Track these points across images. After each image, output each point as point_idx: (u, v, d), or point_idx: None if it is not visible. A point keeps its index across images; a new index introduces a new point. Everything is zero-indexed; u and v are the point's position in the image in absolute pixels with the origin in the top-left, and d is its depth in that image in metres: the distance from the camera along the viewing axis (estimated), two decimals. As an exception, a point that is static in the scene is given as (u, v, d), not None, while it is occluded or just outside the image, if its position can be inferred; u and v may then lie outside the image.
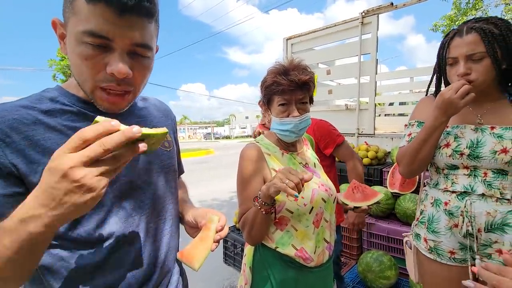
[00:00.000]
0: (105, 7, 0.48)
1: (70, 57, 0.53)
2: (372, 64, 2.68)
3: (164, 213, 0.72)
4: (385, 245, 1.99)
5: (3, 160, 0.49)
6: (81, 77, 0.54)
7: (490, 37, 0.89)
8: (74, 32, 0.50)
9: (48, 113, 0.55)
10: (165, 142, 0.76)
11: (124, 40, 0.51)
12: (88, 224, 0.57)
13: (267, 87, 0.96)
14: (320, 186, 1.01)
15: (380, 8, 2.57)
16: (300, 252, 0.93)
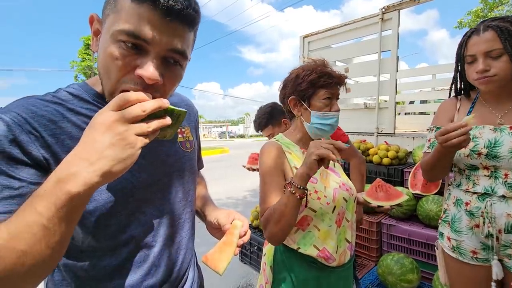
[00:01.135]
0: (150, 8, 0.46)
1: (99, 54, 0.51)
2: (393, 61, 2.61)
3: (183, 216, 0.72)
4: (406, 248, 1.93)
5: (35, 153, 0.49)
6: (105, 76, 0.51)
7: (506, 35, 0.91)
8: (111, 30, 0.48)
9: (73, 111, 0.55)
10: (187, 142, 0.75)
11: (162, 45, 0.48)
12: (112, 227, 0.57)
13: (313, 80, 0.94)
14: (341, 186, 1.00)
15: (402, 3, 2.49)
16: (322, 253, 0.93)
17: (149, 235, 0.63)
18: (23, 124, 0.49)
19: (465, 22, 8.02)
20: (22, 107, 0.51)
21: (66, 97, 0.57)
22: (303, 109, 0.99)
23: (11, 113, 0.49)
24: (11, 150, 0.47)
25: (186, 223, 0.73)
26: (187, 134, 0.76)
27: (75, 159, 0.40)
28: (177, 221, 0.70)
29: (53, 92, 0.58)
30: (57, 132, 0.52)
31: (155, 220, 0.64)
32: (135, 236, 0.60)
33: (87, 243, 0.56)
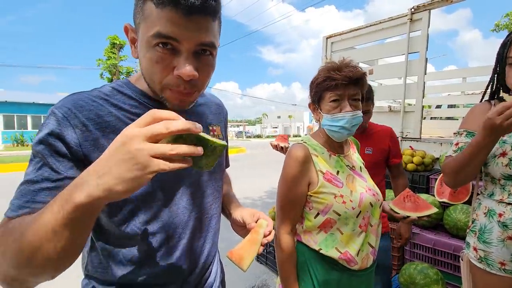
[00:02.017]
0: (172, 10, 0.48)
1: (141, 61, 0.55)
2: (421, 63, 2.51)
3: (211, 211, 0.74)
4: (430, 258, 1.86)
5: (77, 148, 0.52)
6: (151, 79, 0.56)
7: None
8: (145, 37, 0.51)
9: (117, 106, 0.59)
10: None
11: (190, 42, 0.51)
12: (142, 217, 0.60)
13: (319, 84, 0.94)
14: (368, 191, 0.98)
15: (433, 3, 2.39)
16: (344, 255, 0.91)
17: (179, 226, 0.66)
18: (72, 118, 0.52)
19: (503, 25, 7.59)
20: (73, 101, 0.54)
21: (111, 92, 0.60)
22: (318, 113, 1.00)
23: (63, 108, 0.53)
24: (56, 144, 0.50)
25: (213, 218, 0.76)
26: (218, 133, 0.78)
27: (91, 168, 0.40)
28: (205, 215, 0.72)
29: (99, 87, 0.61)
30: (104, 126, 0.55)
31: (185, 212, 0.67)
32: (166, 225, 0.63)
33: (123, 229, 0.59)
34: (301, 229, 0.99)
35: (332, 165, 0.98)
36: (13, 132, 18.21)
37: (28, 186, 0.49)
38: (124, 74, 18.37)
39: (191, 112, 0.71)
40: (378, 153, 1.50)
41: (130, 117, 0.59)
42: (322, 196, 0.93)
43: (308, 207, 0.97)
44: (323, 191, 0.92)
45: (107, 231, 0.61)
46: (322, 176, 0.94)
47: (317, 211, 0.95)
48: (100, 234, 0.61)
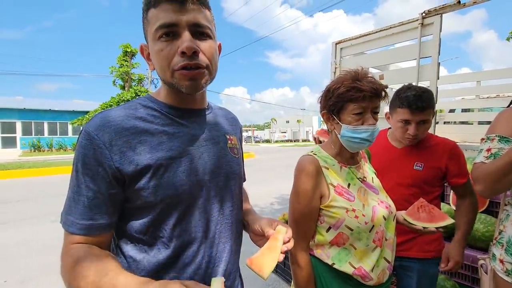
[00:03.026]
0: (167, 4, 0.59)
1: (153, 60, 0.64)
2: (433, 68, 2.46)
3: (231, 217, 0.76)
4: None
5: (110, 162, 0.59)
6: (162, 70, 0.63)
7: None
8: (151, 36, 0.62)
9: (142, 118, 0.65)
10: (235, 149, 0.81)
11: (187, 23, 0.60)
12: (170, 219, 0.64)
13: (342, 94, 0.90)
14: (380, 203, 0.95)
15: (445, 7, 2.35)
16: (358, 271, 0.89)
17: (201, 230, 0.68)
18: (101, 136, 0.59)
19: None
20: (101, 119, 0.61)
21: (135, 107, 0.67)
22: (335, 123, 0.96)
23: (92, 126, 0.60)
24: (89, 161, 0.58)
25: (234, 225, 0.77)
26: (234, 142, 0.82)
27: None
28: (225, 221, 0.74)
29: (126, 103, 0.68)
30: (130, 139, 0.61)
31: (207, 217, 0.69)
32: (190, 229, 0.66)
33: (150, 232, 0.63)
34: (313, 243, 0.97)
35: (343, 178, 0.96)
36: (30, 138, 18.83)
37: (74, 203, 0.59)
38: (136, 81, 18.78)
39: (211, 121, 0.77)
40: (430, 171, 1.26)
41: (153, 126, 0.65)
42: (334, 210, 0.91)
43: (319, 220, 0.95)
44: (334, 205, 0.91)
45: (133, 237, 0.64)
46: (333, 190, 0.93)
47: (328, 225, 0.93)
48: (126, 241, 0.65)
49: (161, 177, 0.62)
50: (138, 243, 0.64)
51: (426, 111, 1.20)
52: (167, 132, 0.66)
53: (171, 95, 0.70)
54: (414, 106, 1.18)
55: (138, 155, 0.60)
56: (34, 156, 14.49)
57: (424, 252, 1.26)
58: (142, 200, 0.62)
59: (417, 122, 1.20)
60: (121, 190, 0.61)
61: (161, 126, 0.66)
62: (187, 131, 0.69)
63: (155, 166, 0.61)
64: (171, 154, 0.64)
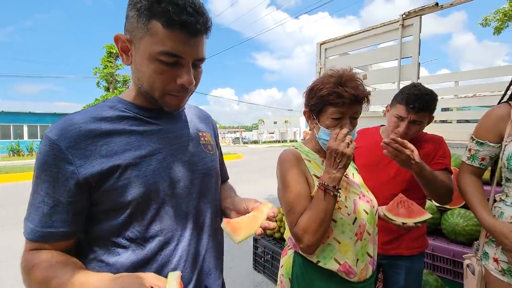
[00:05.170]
0: (180, 31, 0.57)
1: (140, 69, 0.62)
2: (414, 68, 2.53)
3: (209, 214, 0.76)
4: (429, 263, 1.83)
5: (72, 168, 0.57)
6: (152, 86, 0.63)
7: None
8: (149, 51, 0.58)
9: (108, 120, 0.63)
10: (208, 145, 0.80)
11: (192, 57, 0.61)
12: (144, 220, 0.62)
13: (323, 96, 0.89)
14: (361, 197, 0.97)
15: (424, 9, 2.42)
16: (343, 267, 0.89)
17: (178, 229, 0.67)
18: (62, 141, 0.56)
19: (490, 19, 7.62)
20: (63, 123, 0.59)
21: (102, 108, 0.65)
22: (314, 123, 0.97)
23: (53, 131, 0.58)
24: (50, 168, 0.57)
25: (208, 222, 0.76)
26: (208, 139, 0.82)
27: None
28: (202, 217, 0.74)
29: (93, 105, 0.67)
30: (95, 141, 0.59)
31: (183, 214, 0.69)
32: (166, 228, 0.65)
33: (123, 234, 0.62)
34: None
35: None
36: (9, 142, 18.03)
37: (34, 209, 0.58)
38: (121, 82, 18.39)
39: (183, 120, 0.77)
40: None
41: (121, 127, 0.64)
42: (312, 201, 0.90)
43: None
44: None
45: (105, 240, 0.62)
46: (316, 181, 0.93)
47: None
48: (97, 245, 0.63)
49: (130, 177, 0.61)
50: (110, 246, 0.62)
51: (421, 113, 1.20)
52: (136, 131, 0.65)
53: (143, 98, 0.69)
54: (411, 105, 1.19)
55: (104, 157, 0.59)
56: (13, 161, 13.88)
57: (412, 249, 1.28)
58: (111, 202, 0.60)
59: (409, 121, 1.21)
60: (87, 196, 0.60)
61: (129, 126, 0.65)
62: (157, 129, 0.69)
63: (123, 166, 0.60)
64: (141, 153, 0.63)
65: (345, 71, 0.92)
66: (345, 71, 0.92)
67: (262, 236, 2.74)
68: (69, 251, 0.61)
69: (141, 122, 0.67)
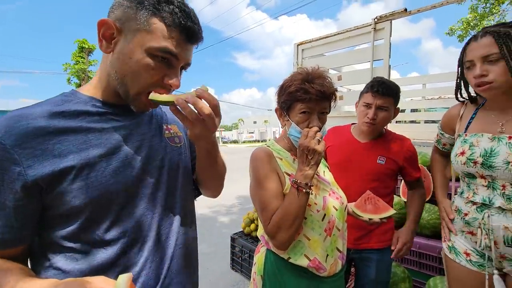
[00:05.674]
0: (181, 34, 0.60)
1: (125, 60, 0.59)
2: (385, 70, 2.64)
3: (178, 210, 0.73)
4: (398, 256, 1.93)
5: (19, 169, 0.52)
6: (136, 81, 0.61)
7: (504, 39, 0.89)
8: (146, 45, 0.58)
9: (63, 115, 0.58)
10: (175, 138, 0.78)
11: (183, 61, 0.64)
12: (104, 222, 0.59)
13: (291, 93, 0.92)
14: (331, 194, 0.99)
15: (394, 14, 2.54)
16: (313, 263, 0.91)
17: (142, 229, 0.64)
18: (7, 139, 0.52)
19: (455, 28, 8.19)
20: (10, 119, 0.54)
21: (57, 103, 0.60)
22: (286, 120, 0.99)
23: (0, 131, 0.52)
24: None
25: (177, 219, 0.73)
26: (175, 130, 0.79)
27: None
28: (171, 215, 0.71)
29: (42, 102, 0.61)
30: (46, 139, 0.55)
31: (147, 214, 0.66)
32: (128, 230, 0.62)
33: (80, 239, 0.58)
34: None
35: (296, 169, 0.98)
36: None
37: None
38: (94, 79, 17.58)
39: (147, 114, 0.74)
40: (391, 165, 1.33)
41: (77, 123, 0.60)
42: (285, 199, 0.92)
43: None
44: None
45: (61, 245, 0.58)
46: (288, 178, 0.94)
47: None
48: (52, 252, 0.58)
49: (87, 178, 0.57)
50: (67, 252, 0.58)
51: (386, 97, 1.26)
52: (95, 128, 0.61)
53: (108, 93, 0.65)
54: (375, 89, 1.27)
55: (56, 157, 0.55)
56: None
57: (382, 242, 1.35)
58: (66, 205, 0.56)
59: (376, 107, 1.27)
60: (37, 199, 0.56)
61: (87, 123, 0.61)
62: (119, 126, 0.65)
63: (79, 167, 0.56)
64: (100, 151, 0.60)
65: (313, 69, 0.95)
66: (313, 69, 0.95)
67: (239, 236, 2.75)
68: (20, 259, 0.57)
69: (101, 119, 0.63)
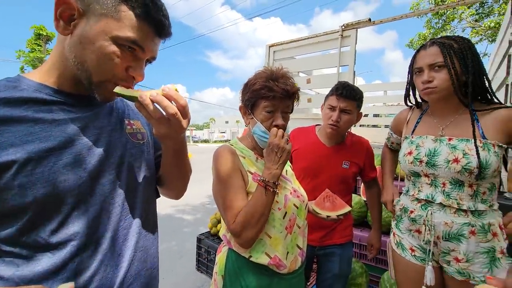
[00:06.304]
0: (150, 27, 0.59)
1: (87, 45, 0.56)
2: (350, 75, 2.77)
3: (138, 210, 0.69)
4: (357, 253, 2.03)
5: None
6: (98, 69, 0.58)
7: (448, 50, 0.98)
8: (112, 33, 0.56)
9: (5, 103, 0.53)
10: (138, 134, 0.73)
11: (150, 54, 0.63)
12: (50, 224, 0.54)
13: (256, 91, 0.93)
14: (292, 192, 1.01)
15: (359, 22, 2.67)
16: (273, 261, 0.92)
17: (96, 231, 0.60)
18: None
19: (415, 42, 9.04)
20: None
21: None
22: (250, 118, 0.99)
23: None
24: None
25: (137, 220, 0.69)
26: (138, 126, 0.75)
27: None
28: (129, 215, 0.67)
29: None
30: None
31: (103, 215, 0.61)
32: (80, 232, 0.57)
33: (22, 242, 0.52)
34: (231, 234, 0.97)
35: (259, 168, 0.99)
36: None
37: None
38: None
39: (106, 106, 0.69)
40: (354, 168, 1.42)
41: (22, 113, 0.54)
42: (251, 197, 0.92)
43: None
44: (252, 191, 0.92)
45: (0, 250, 0.52)
46: (251, 177, 0.95)
47: None
48: None
49: (31, 174, 0.52)
50: (6, 256, 0.52)
51: (349, 101, 1.32)
52: (44, 119, 0.56)
53: (63, 79, 0.60)
54: (339, 92, 1.32)
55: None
56: None
57: (344, 237, 1.44)
58: (5, 203, 0.51)
59: (340, 110, 1.32)
60: None
61: (34, 112, 0.55)
62: (72, 118, 0.60)
63: (22, 162, 0.51)
64: (48, 145, 0.54)
65: (277, 68, 0.97)
66: (277, 69, 0.97)
67: (206, 236, 2.70)
68: None
69: (52, 108, 0.58)
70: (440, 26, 8.34)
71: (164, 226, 4.00)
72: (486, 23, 7.60)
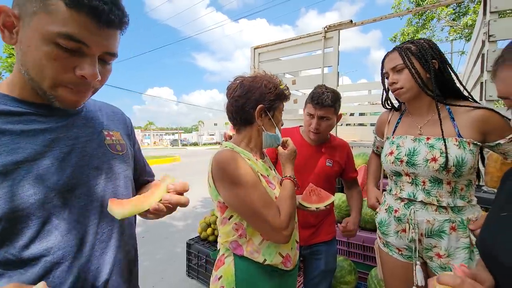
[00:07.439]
0: (87, 16, 0.50)
1: (26, 51, 0.52)
2: (334, 76, 2.82)
3: (113, 224, 0.67)
4: (345, 250, 2.06)
5: None
6: (41, 74, 0.53)
7: (405, 52, 1.07)
8: (43, 30, 0.50)
9: None
10: (117, 145, 0.72)
11: (99, 49, 0.54)
12: (21, 239, 0.52)
13: (280, 93, 0.98)
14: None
15: (341, 24, 2.72)
16: (285, 259, 0.94)
17: (71, 245, 0.58)
18: None
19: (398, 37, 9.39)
20: None
21: None
22: (267, 119, 0.98)
23: None
24: None
25: (115, 233, 0.68)
26: (117, 137, 0.74)
27: None
28: (107, 229, 0.65)
29: None
30: None
31: (78, 228, 0.59)
32: (54, 246, 0.55)
33: None
34: (244, 239, 0.92)
35: (260, 169, 0.98)
36: None
37: None
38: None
39: (81, 117, 0.67)
40: (336, 167, 1.46)
41: None
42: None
43: None
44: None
45: None
46: (263, 178, 0.94)
47: None
48: None
49: None
50: None
51: (326, 108, 1.33)
52: (11, 131, 0.54)
53: (27, 90, 0.57)
54: (315, 101, 1.34)
55: None
56: None
57: (328, 234, 1.48)
58: None
59: (318, 117, 1.35)
60: None
61: (1, 123, 0.53)
62: (43, 128, 0.58)
63: None
64: (16, 158, 0.52)
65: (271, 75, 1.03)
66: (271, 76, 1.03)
67: (195, 241, 2.67)
68: None
69: (19, 119, 0.55)
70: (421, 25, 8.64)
71: (152, 232, 3.93)
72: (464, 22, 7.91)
